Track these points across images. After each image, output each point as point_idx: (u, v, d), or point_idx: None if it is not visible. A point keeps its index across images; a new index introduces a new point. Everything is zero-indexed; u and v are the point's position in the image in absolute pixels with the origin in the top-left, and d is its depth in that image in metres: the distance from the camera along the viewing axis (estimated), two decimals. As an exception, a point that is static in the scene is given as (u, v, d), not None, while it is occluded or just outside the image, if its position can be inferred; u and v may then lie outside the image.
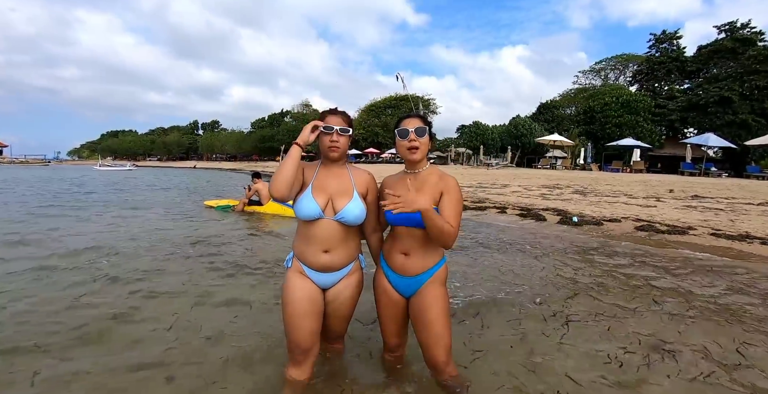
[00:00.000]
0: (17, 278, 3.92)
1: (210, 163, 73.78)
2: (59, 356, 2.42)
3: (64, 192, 14.45)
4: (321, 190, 2.02)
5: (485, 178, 17.83)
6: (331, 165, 2.09)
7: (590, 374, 2.29)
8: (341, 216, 1.99)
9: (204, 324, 2.89)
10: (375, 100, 56.77)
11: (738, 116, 28.42)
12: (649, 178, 17.82)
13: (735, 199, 10.31)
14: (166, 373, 2.25)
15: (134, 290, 3.60)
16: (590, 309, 3.30)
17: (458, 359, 2.22)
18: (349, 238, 2.06)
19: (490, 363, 2.40)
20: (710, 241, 6.10)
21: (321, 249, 2.00)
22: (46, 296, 3.43)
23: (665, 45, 36.94)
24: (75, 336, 2.69)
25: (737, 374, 2.31)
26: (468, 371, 2.26)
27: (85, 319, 2.94)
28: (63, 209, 9.45)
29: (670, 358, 2.48)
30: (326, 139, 2.01)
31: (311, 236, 2.01)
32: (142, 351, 2.50)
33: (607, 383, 2.20)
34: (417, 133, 1.97)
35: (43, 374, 2.23)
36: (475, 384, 2.12)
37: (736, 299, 3.61)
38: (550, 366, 2.37)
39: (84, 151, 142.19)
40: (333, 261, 2.02)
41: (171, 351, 2.50)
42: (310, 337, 1.98)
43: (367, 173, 2.15)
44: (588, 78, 51.67)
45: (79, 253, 4.97)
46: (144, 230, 6.77)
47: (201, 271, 4.30)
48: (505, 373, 2.29)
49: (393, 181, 2.12)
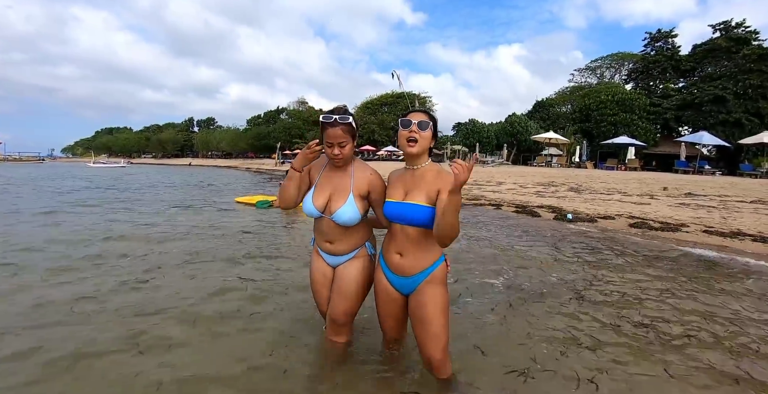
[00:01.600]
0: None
1: (206, 161, 73.44)
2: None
3: (94, 190, 14.16)
4: (322, 191, 2.17)
5: (481, 176, 17.87)
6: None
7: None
8: (334, 217, 2.13)
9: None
10: (371, 98, 56.66)
11: (732, 115, 28.55)
12: (644, 176, 17.93)
13: (728, 197, 10.39)
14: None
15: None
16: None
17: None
18: (349, 232, 2.20)
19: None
20: (703, 238, 6.17)
21: (324, 239, 2.24)
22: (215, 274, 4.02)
23: (660, 43, 37.04)
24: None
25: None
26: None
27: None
28: (130, 205, 9.39)
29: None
30: (328, 151, 2.08)
31: (317, 228, 2.28)
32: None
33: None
34: (420, 125, 1.95)
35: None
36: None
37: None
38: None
39: (78, 148, 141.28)
40: (336, 249, 2.24)
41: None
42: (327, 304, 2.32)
43: (370, 172, 2.19)
44: (584, 76, 51.84)
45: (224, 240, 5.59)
46: (232, 226, 6.83)
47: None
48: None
49: (395, 176, 2.14)
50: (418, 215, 1.92)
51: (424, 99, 54.37)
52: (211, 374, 2.17)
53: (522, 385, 2.13)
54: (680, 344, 2.65)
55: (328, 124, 2.01)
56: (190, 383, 2.09)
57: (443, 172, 1.99)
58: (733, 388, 2.15)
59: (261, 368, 2.24)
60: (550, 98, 46.69)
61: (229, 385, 2.07)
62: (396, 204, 2.00)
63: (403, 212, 1.94)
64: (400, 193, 2.02)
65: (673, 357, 2.47)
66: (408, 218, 1.93)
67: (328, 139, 2.02)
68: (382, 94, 55.78)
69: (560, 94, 48.41)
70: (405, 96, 46.60)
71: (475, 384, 2.10)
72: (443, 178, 1.95)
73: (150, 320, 2.85)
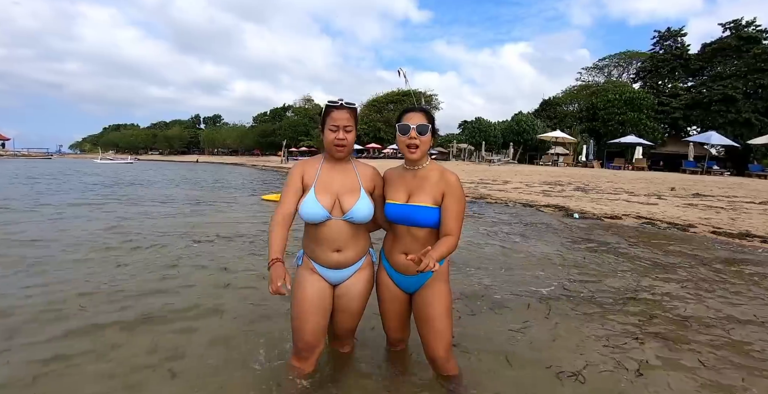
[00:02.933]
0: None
1: (212, 158, 73.74)
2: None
3: (122, 186, 14.31)
4: (325, 190, 1.94)
5: (486, 175, 17.82)
6: (334, 161, 2.02)
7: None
8: (350, 216, 1.92)
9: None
10: (377, 95, 56.60)
11: (741, 115, 28.31)
12: (651, 176, 17.80)
13: (736, 197, 10.30)
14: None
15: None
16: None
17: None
18: (359, 234, 2.01)
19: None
20: (710, 238, 6.11)
21: (332, 249, 1.96)
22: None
23: (669, 42, 36.70)
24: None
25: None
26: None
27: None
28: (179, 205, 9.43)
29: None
30: (332, 136, 1.91)
31: (321, 236, 1.95)
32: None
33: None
34: (418, 130, 1.88)
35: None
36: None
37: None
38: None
39: (86, 144, 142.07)
40: (345, 258, 1.99)
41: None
42: (317, 333, 1.98)
43: (372, 168, 2.10)
44: (591, 75, 51.40)
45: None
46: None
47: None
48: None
49: (394, 176, 2.06)
50: (424, 216, 1.90)
51: (430, 97, 54.29)
52: (222, 378, 2.17)
53: (532, 385, 2.12)
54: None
55: (334, 108, 1.92)
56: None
57: (446, 172, 1.96)
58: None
59: (272, 370, 2.21)
60: (557, 97, 46.35)
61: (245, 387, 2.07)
62: (400, 206, 1.94)
63: (410, 215, 1.91)
64: (402, 195, 1.97)
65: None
66: (415, 220, 1.91)
67: (334, 122, 1.90)
68: (388, 91, 55.77)
69: (567, 93, 48.03)
70: (411, 94, 46.56)
71: (482, 383, 2.10)
72: (447, 180, 1.92)
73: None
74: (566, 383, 2.15)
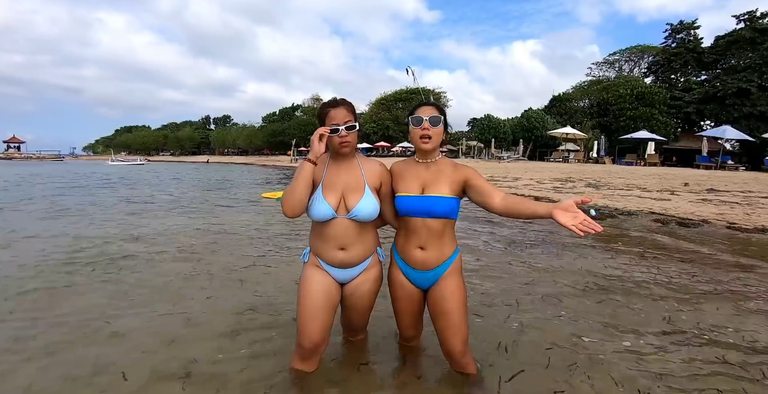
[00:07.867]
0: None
1: (222, 158, 74.38)
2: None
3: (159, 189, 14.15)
4: (332, 189, 1.96)
5: (497, 171, 17.74)
6: (340, 159, 2.02)
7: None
8: (354, 214, 1.94)
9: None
10: (386, 94, 56.53)
11: (756, 108, 27.83)
12: (664, 172, 17.57)
13: (752, 192, 10.13)
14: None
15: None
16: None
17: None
18: (365, 233, 2.02)
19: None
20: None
21: (336, 247, 1.98)
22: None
23: (682, 35, 36.14)
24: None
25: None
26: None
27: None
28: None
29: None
30: (335, 138, 1.93)
31: (326, 234, 1.98)
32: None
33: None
34: (431, 121, 1.93)
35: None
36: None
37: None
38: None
39: (98, 146, 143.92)
40: (350, 257, 1.99)
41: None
42: (322, 331, 1.97)
43: (378, 164, 2.08)
44: (602, 70, 50.82)
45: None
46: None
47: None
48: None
49: (404, 169, 2.07)
50: (443, 206, 1.92)
51: (439, 95, 54.11)
52: (232, 369, 2.21)
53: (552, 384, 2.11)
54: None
55: (331, 107, 1.95)
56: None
57: (459, 164, 2.02)
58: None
59: (282, 370, 2.18)
60: (567, 93, 45.91)
61: (251, 381, 2.09)
62: (417, 198, 1.96)
63: (428, 205, 1.92)
64: (416, 187, 1.98)
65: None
66: (433, 210, 1.92)
67: (333, 121, 1.92)
68: (397, 90, 55.66)
69: (578, 89, 47.54)
70: (420, 92, 46.46)
71: (501, 381, 2.08)
72: (462, 170, 1.98)
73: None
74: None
